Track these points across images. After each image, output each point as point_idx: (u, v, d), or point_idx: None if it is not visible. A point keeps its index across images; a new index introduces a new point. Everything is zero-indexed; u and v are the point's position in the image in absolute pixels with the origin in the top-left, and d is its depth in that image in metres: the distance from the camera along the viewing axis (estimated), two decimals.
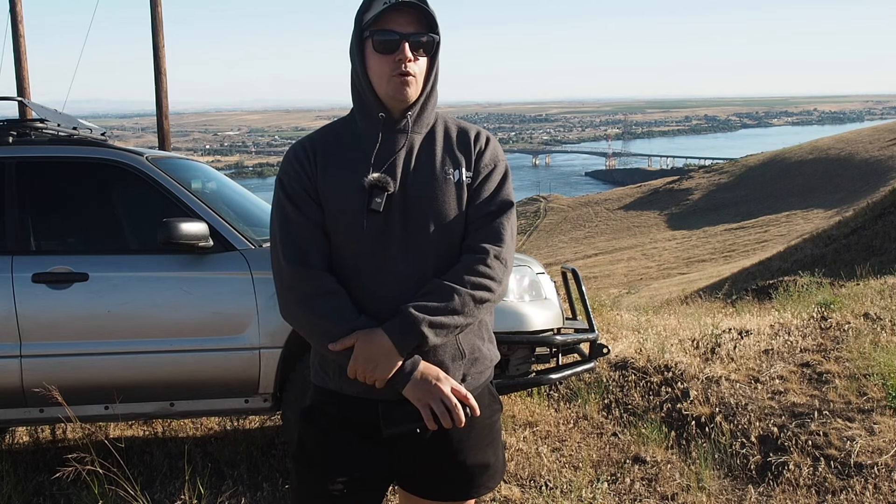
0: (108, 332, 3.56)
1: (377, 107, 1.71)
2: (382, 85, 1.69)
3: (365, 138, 1.72)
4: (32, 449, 4.27)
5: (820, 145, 72.57)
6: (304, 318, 1.68)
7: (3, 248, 3.62)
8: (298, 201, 1.70)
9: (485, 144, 1.77)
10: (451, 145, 1.76)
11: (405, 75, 1.67)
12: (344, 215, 1.68)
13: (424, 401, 1.62)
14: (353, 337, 1.62)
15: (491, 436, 1.79)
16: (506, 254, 1.71)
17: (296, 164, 1.73)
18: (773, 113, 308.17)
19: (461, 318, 1.64)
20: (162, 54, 13.72)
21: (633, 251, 50.44)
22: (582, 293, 4.49)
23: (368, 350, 1.61)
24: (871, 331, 5.59)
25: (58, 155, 3.85)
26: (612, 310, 8.63)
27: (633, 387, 4.90)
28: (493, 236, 1.70)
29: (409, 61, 1.66)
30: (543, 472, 3.75)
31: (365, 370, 1.62)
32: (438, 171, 1.71)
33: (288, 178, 1.73)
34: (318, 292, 1.66)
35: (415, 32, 1.67)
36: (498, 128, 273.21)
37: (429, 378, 1.63)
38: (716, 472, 3.76)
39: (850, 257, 16.84)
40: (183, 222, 3.48)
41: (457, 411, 1.62)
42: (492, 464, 1.79)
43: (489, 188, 1.74)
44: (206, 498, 3.32)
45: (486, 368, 1.78)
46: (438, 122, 1.78)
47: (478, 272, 1.66)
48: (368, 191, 1.66)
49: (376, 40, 1.67)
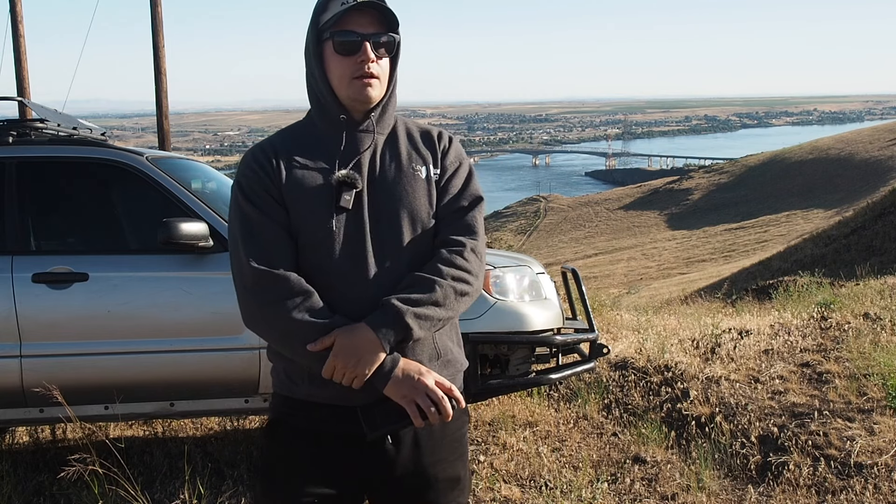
0: (108, 332, 3.56)
1: (337, 109, 1.68)
2: (343, 87, 1.65)
3: (327, 139, 1.69)
4: (32, 449, 4.27)
5: (820, 145, 72.58)
6: (274, 322, 1.61)
7: (3, 248, 3.62)
8: (260, 203, 1.65)
9: (448, 143, 1.77)
10: (416, 144, 1.75)
11: (368, 77, 1.64)
12: (312, 214, 1.64)
13: (410, 397, 1.57)
14: (333, 334, 1.56)
15: (461, 449, 1.76)
16: (480, 247, 1.70)
17: (255, 167, 1.67)
18: (773, 113, 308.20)
19: (444, 310, 1.61)
20: (162, 54, 13.72)
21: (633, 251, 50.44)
22: (582, 293, 4.49)
23: (350, 345, 1.55)
24: (871, 331, 5.59)
25: (58, 155, 3.85)
26: (612, 310, 8.63)
27: (633, 387, 4.90)
28: (467, 230, 1.70)
29: (371, 62, 1.64)
30: (543, 472, 3.75)
31: (345, 366, 1.55)
32: (406, 167, 1.70)
33: (248, 180, 1.67)
34: (288, 294, 1.59)
35: (376, 33, 1.64)
36: (498, 128, 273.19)
37: (411, 374, 1.58)
38: (716, 472, 3.76)
39: (850, 257, 16.84)
40: (183, 222, 3.48)
41: (443, 404, 1.57)
42: (462, 477, 1.75)
43: (457, 184, 1.73)
44: (206, 498, 3.32)
45: (456, 373, 1.74)
46: (399, 124, 1.77)
47: (456, 265, 1.64)
48: (336, 188, 1.64)
49: (337, 42, 1.63)
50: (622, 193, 77.96)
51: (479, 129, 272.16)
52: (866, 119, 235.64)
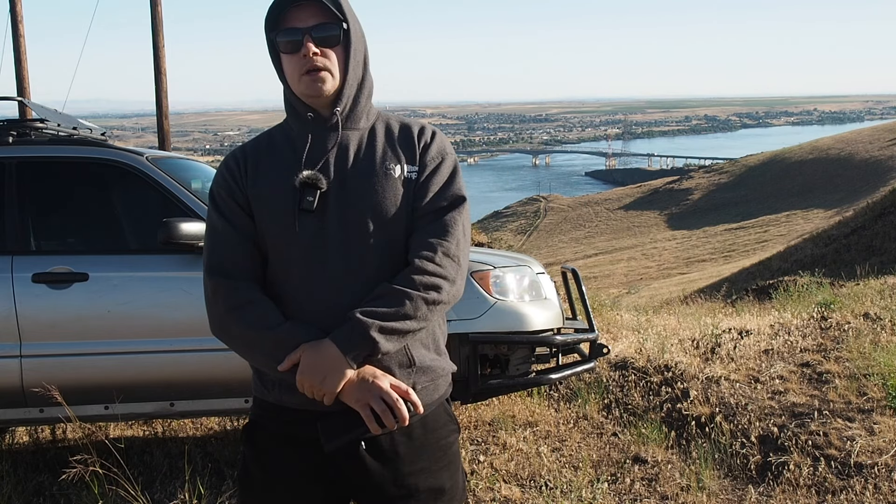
0: (108, 332, 3.56)
1: (303, 107, 1.64)
2: (296, 84, 1.62)
3: (297, 139, 1.66)
4: (32, 449, 4.27)
5: (820, 145, 72.60)
6: (236, 334, 1.59)
7: (3, 248, 3.62)
8: (225, 210, 1.64)
9: (430, 138, 1.68)
10: (393, 141, 1.67)
11: (314, 71, 1.59)
12: (276, 218, 1.60)
13: (363, 401, 1.52)
14: (299, 351, 1.52)
15: (446, 458, 1.68)
16: (456, 250, 1.60)
17: (226, 174, 1.67)
18: (773, 113, 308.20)
19: (413, 322, 1.54)
20: (162, 54, 13.72)
21: (633, 251, 50.44)
22: (582, 293, 4.49)
23: (315, 362, 1.50)
24: (871, 331, 5.59)
25: (58, 155, 3.85)
26: (612, 310, 8.63)
27: (633, 387, 4.90)
28: (442, 232, 1.60)
29: (315, 55, 1.58)
30: (543, 472, 3.75)
31: (312, 384, 1.51)
32: (378, 166, 1.62)
33: (217, 186, 1.67)
34: (238, 303, 1.57)
35: (316, 25, 1.58)
36: (498, 128, 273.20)
37: (365, 377, 1.52)
38: (716, 472, 3.76)
39: (850, 257, 16.86)
40: (183, 222, 3.48)
41: (398, 407, 1.51)
42: (447, 488, 1.67)
43: (437, 182, 1.64)
44: (206, 498, 3.32)
45: (438, 380, 1.68)
46: (379, 121, 1.70)
47: (427, 272, 1.55)
48: (300, 190, 1.58)
49: (280, 41, 1.61)
50: (622, 193, 77.97)
51: (479, 129, 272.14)
52: (866, 119, 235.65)
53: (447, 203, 1.63)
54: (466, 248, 1.65)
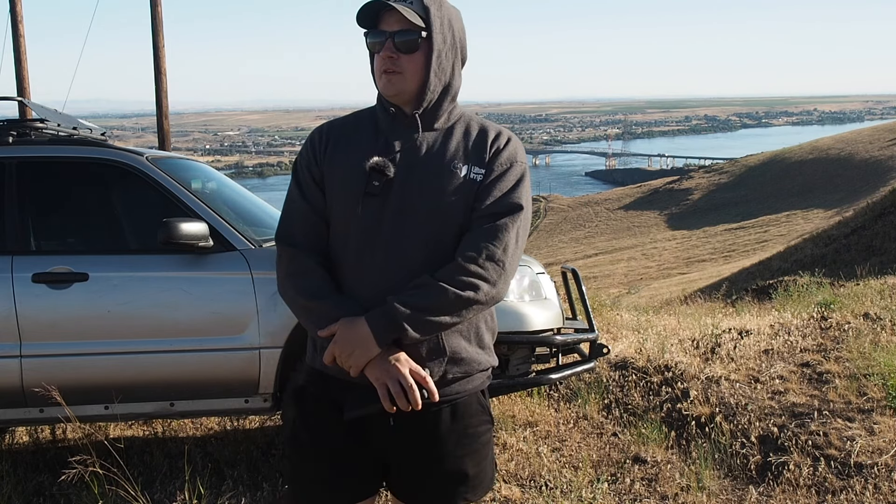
0: (108, 332, 3.56)
1: (387, 102, 1.74)
2: (377, 81, 1.72)
3: (379, 127, 1.75)
4: (32, 449, 4.27)
5: (820, 145, 72.58)
6: (291, 297, 1.71)
7: (3, 248, 3.62)
8: (301, 181, 1.76)
9: (503, 144, 1.74)
10: (467, 142, 1.73)
11: (389, 73, 1.68)
12: (344, 196, 1.70)
13: (381, 380, 1.61)
14: (338, 324, 1.63)
15: (473, 446, 1.75)
16: (503, 255, 1.65)
17: (308, 146, 1.79)
18: (773, 113, 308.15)
19: (447, 317, 1.62)
20: (162, 54, 13.72)
21: (633, 251, 50.44)
22: (582, 293, 4.49)
23: (348, 336, 1.61)
24: (871, 331, 5.59)
25: (58, 155, 3.85)
26: (612, 310, 8.63)
27: (633, 387, 4.90)
28: (492, 236, 1.65)
29: (388, 57, 1.67)
30: (543, 472, 3.75)
31: (341, 355, 1.62)
32: (446, 164, 1.70)
33: (300, 157, 1.79)
34: (296, 271, 1.70)
35: (399, 31, 1.67)
36: None
37: (388, 358, 1.61)
38: (716, 472, 3.76)
39: (850, 257, 16.85)
40: (183, 222, 3.48)
41: (412, 392, 1.59)
42: (471, 475, 1.74)
43: (501, 188, 1.70)
44: (206, 498, 3.32)
45: (473, 373, 1.74)
46: (461, 122, 1.77)
47: (469, 272, 1.62)
48: (368, 173, 1.67)
49: (367, 41, 1.72)
50: (622, 193, 77.95)
51: None
52: (866, 119, 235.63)
53: (504, 209, 1.69)
54: (517, 254, 1.70)
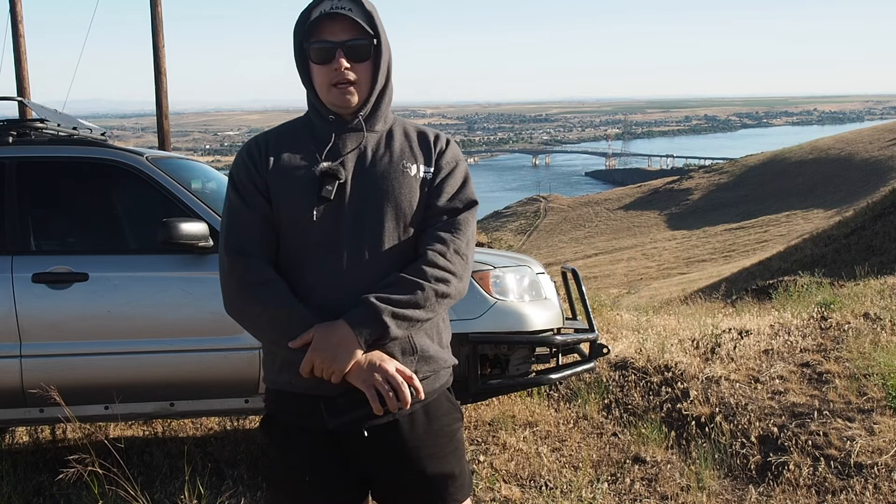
0: (108, 332, 3.56)
1: (325, 111, 1.72)
2: (324, 94, 1.69)
3: (319, 135, 1.73)
4: (32, 449, 4.27)
5: (820, 145, 72.61)
6: (251, 312, 1.67)
7: (3, 248, 3.62)
8: (244, 191, 1.71)
9: (445, 145, 1.78)
10: (411, 143, 1.75)
11: (345, 84, 1.67)
12: (294, 203, 1.67)
13: (370, 382, 1.58)
14: (313, 330, 1.59)
15: (452, 444, 1.75)
16: (466, 249, 1.69)
17: (246, 157, 1.74)
18: (773, 113, 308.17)
19: (423, 312, 1.62)
20: (162, 54, 13.72)
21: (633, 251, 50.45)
22: (582, 293, 4.49)
23: (328, 340, 1.58)
24: (871, 331, 5.59)
25: (58, 155, 3.85)
26: (612, 310, 8.63)
27: (633, 387, 4.90)
28: (455, 230, 1.69)
29: (345, 69, 1.65)
30: (543, 472, 3.75)
31: (322, 362, 1.58)
32: (396, 163, 1.70)
33: (237, 169, 1.74)
34: (256, 281, 1.65)
35: (349, 39, 1.65)
36: (498, 128, 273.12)
37: (372, 360, 1.60)
38: (716, 472, 3.76)
39: (850, 257, 16.86)
40: (183, 222, 3.48)
41: (402, 390, 1.58)
42: (457, 474, 1.74)
43: (453, 185, 1.73)
44: (206, 498, 3.32)
45: (439, 370, 1.75)
46: (396, 125, 1.78)
47: (439, 265, 1.64)
48: (319, 178, 1.66)
49: (313, 50, 1.67)
50: (622, 193, 77.97)
51: (479, 129, 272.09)
52: (866, 119, 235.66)
53: (462, 205, 1.73)
54: (473, 248, 1.73)
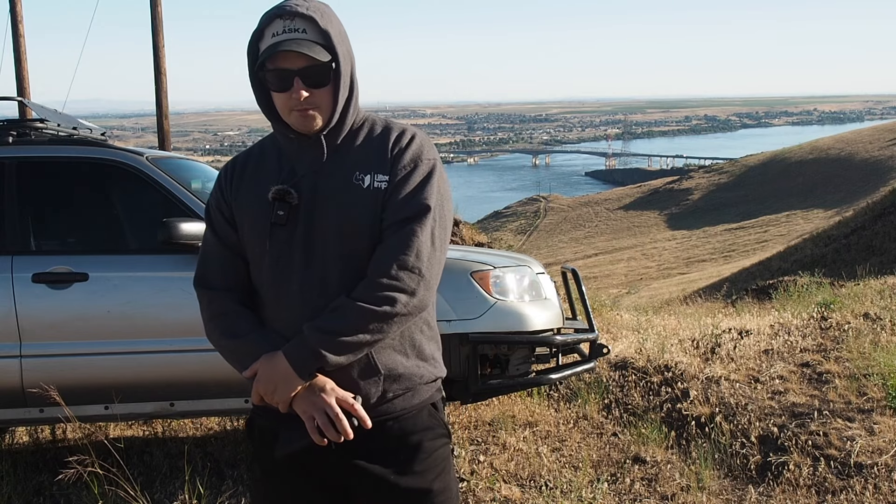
0: (108, 332, 3.56)
1: (288, 130, 1.66)
2: (286, 117, 1.63)
3: (282, 154, 1.69)
4: (32, 449, 4.27)
5: (820, 145, 72.63)
6: (213, 340, 1.70)
7: (3, 248, 3.62)
8: (213, 221, 1.73)
9: (406, 144, 1.65)
10: (368, 150, 1.66)
11: (305, 109, 1.60)
12: (253, 231, 1.66)
13: (308, 413, 1.56)
14: (258, 362, 1.59)
15: (431, 460, 1.67)
16: (416, 262, 1.57)
17: (216, 186, 1.75)
18: (773, 113, 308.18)
19: (367, 335, 1.55)
20: (162, 54, 13.72)
21: (633, 251, 50.46)
22: (582, 293, 4.49)
23: (269, 373, 1.57)
24: (871, 331, 5.59)
25: (58, 155, 3.85)
26: (612, 310, 8.64)
27: (633, 387, 4.90)
28: (402, 245, 1.58)
29: (304, 97, 1.59)
30: (543, 472, 3.75)
31: (266, 393, 1.59)
32: (348, 177, 1.63)
33: (211, 198, 1.75)
34: (217, 313, 1.68)
35: (307, 66, 1.57)
36: (498, 128, 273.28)
37: (314, 389, 1.56)
38: (716, 472, 3.76)
39: (850, 257, 16.87)
40: (183, 222, 3.48)
41: (340, 422, 1.54)
42: (436, 491, 1.66)
43: (405, 190, 1.61)
44: (206, 498, 3.32)
45: (415, 387, 1.67)
46: (363, 127, 1.69)
47: (382, 286, 1.56)
48: (272, 204, 1.63)
49: (270, 79, 1.61)
50: (622, 193, 77.99)
51: (479, 129, 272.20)
52: (866, 119, 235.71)
53: (412, 213, 1.60)
54: (436, 256, 1.61)
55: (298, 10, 1.58)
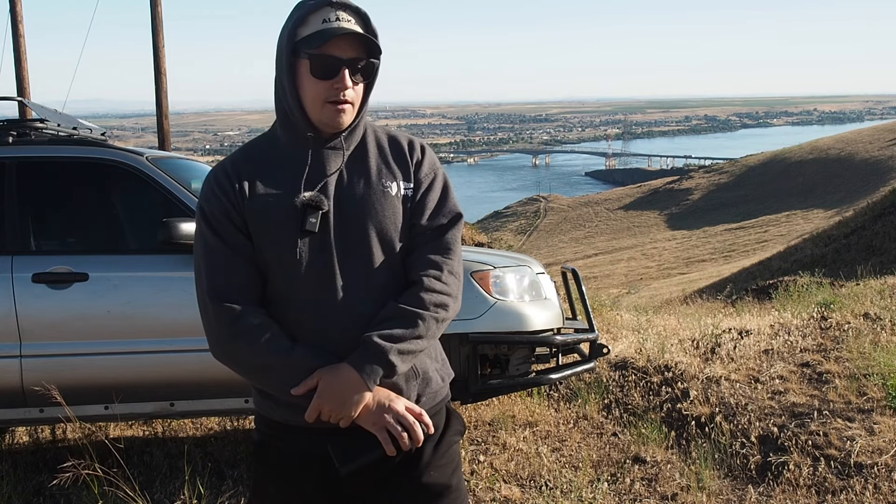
0: (108, 332, 3.56)
1: (305, 127, 1.60)
2: (316, 110, 1.58)
3: (292, 158, 1.62)
4: (32, 449, 4.27)
5: (820, 145, 72.65)
6: (243, 359, 1.57)
7: (3, 248, 3.62)
8: (221, 231, 1.60)
9: (421, 154, 1.68)
10: (386, 157, 1.65)
11: (342, 103, 1.57)
12: (277, 240, 1.57)
13: (380, 424, 1.54)
14: (316, 376, 1.52)
15: (449, 456, 1.69)
16: (458, 267, 1.65)
17: (217, 191, 1.61)
18: (773, 113, 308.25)
19: (424, 341, 1.58)
20: (162, 54, 13.72)
21: (633, 251, 50.47)
22: (582, 293, 4.49)
23: (335, 387, 1.51)
24: (871, 331, 5.59)
25: (58, 155, 3.85)
26: (612, 310, 8.64)
27: (633, 387, 4.90)
28: (445, 250, 1.63)
29: (347, 88, 1.56)
30: (543, 472, 3.75)
31: (332, 409, 1.52)
32: (375, 184, 1.61)
33: (209, 205, 1.61)
34: (246, 329, 1.55)
35: (356, 58, 1.56)
36: (498, 128, 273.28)
37: (381, 401, 1.55)
38: (716, 472, 3.76)
39: (850, 257, 16.88)
40: (183, 222, 3.47)
41: (414, 429, 1.56)
42: (453, 486, 1.68)
43: (433, 199, 1.66)
44: (206, 498, 3.32)
45: (439, 388, 1.71)
46: (368, 134, 1.67)
47: (437, 290, 1.59)
48: (301, 211, 1.56)
49: (315, 64, 1.54)
50: (622, 193, 78.02)
51: (479, 129, 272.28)
52: (866, 119, 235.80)
53: (446, 220, 1.66)
54: (462, 262, 1.69)
55: (351, 3, 1.58)
